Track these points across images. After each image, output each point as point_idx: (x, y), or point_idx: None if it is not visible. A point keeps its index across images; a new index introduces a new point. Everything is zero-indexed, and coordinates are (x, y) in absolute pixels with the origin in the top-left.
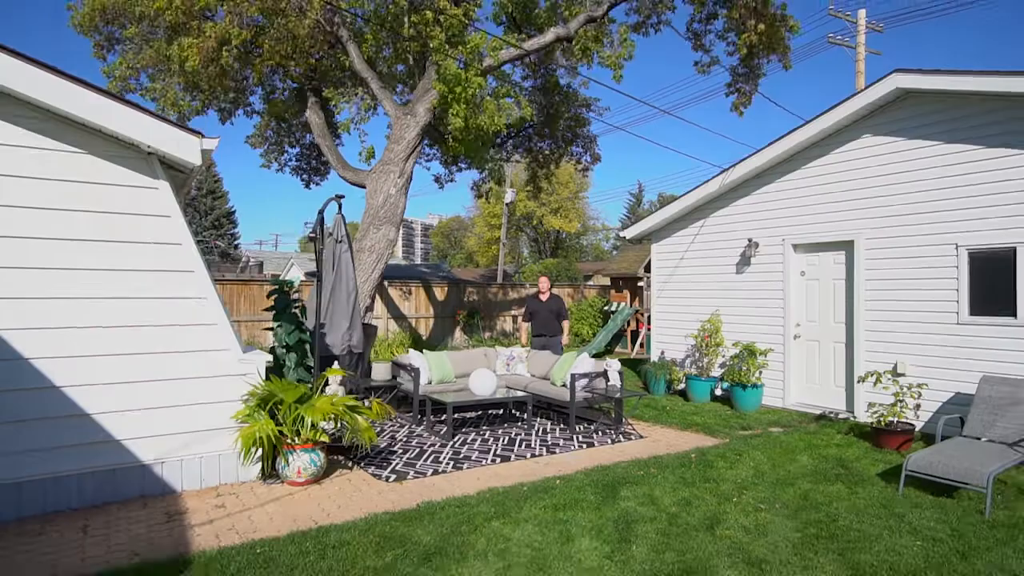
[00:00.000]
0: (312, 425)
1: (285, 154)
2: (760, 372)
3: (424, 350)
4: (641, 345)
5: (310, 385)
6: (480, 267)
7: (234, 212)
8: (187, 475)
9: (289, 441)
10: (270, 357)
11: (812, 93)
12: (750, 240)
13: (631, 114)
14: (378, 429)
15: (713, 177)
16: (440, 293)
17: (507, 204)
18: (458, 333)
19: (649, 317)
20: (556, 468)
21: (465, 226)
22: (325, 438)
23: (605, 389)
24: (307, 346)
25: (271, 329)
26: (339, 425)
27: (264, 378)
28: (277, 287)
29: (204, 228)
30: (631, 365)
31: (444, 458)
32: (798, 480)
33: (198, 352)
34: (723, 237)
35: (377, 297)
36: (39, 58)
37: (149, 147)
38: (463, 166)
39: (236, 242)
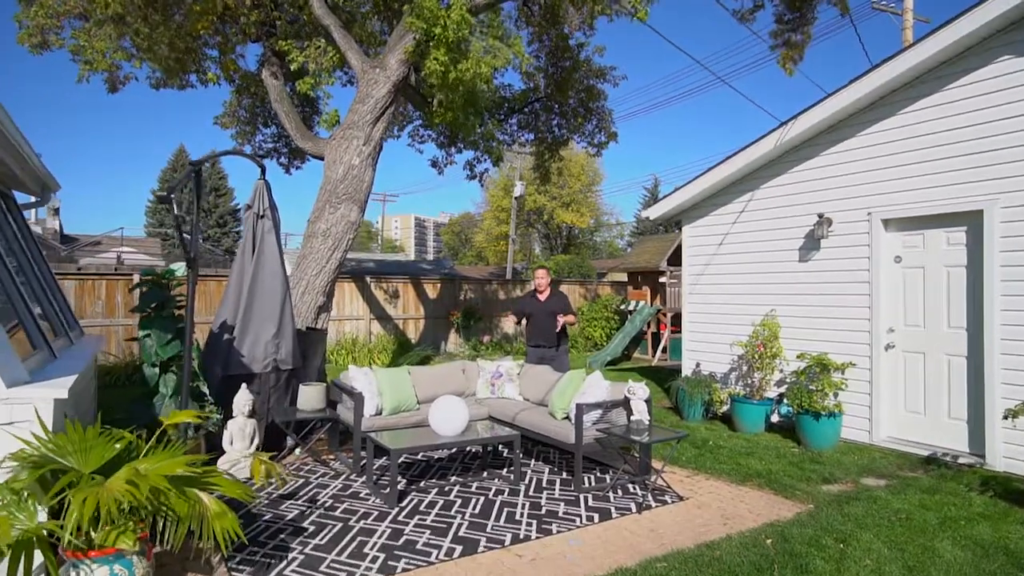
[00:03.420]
0: (128, 511)
1: (259, 134)
2: (836, 394)
3: (373, 365)
4: (664, 350)
5: (193, 427)
6: (490, 265)
7: (239, 210)
8: None
9: (81, 544)
10: (62, 391)
11: (852, 70)
12: (820, 216)
13: (650, 96)
14: (296, 483)
15: (767, 134)
16: (432, 291)
17: (516, 198)
18: (453, 336)
19: (673, 318)
20: (548, 572)
21: (475, 222)
22: (129, 541)
23: (627, 426)
24: (194, 363)
25: (136, 339)
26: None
27: (50, 428)
28: (147, 280)
29: (208, 226)
30: (653, 375)
31: (374, 544)
32: None
33: None
34: (780, 213)
35: (359, 296)
36: None
37: None
38: (461, 146)
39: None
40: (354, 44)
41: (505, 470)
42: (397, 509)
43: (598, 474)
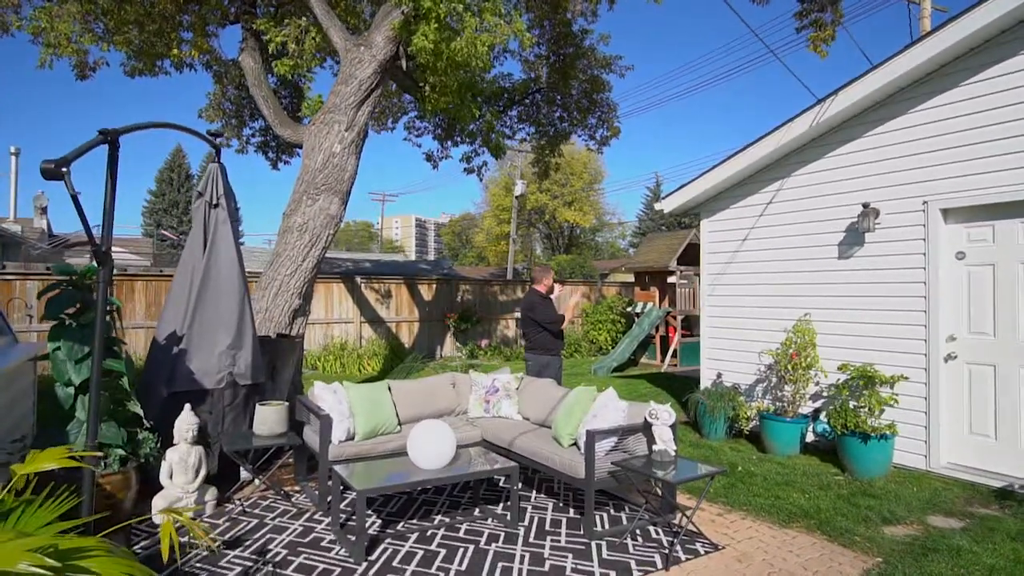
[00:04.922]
0: None
1: (247, 128)
2: (882, 411)
3: (344, 381)
4: (674, 355)
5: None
6: (491, 266)
7: (238, 210)
8: None
9: None
10: None
11: (859, 65)
12: (865, 206)
13: (648, 95)
14: (248, 525)
15: (800, 113)
16: (427, 292)
17: (517, 197)
18: (449, 340)
19: (683, 321)
20: None
21: (475, 223)
22: None
23: (648, 459)
24: (124, 380)
25: (44, 356)
26: None
27: None
28: (64, 280)
29: None
30: (664, 383)
31: None
32: None
33: None
34: (816, 204)
35: (348, 297)
36: None
37: None
38: (459, 139)
39: (240, 240)
40: (337, 21)
41: (501, 506)
42: (365, 564)
43: (612, 511)
